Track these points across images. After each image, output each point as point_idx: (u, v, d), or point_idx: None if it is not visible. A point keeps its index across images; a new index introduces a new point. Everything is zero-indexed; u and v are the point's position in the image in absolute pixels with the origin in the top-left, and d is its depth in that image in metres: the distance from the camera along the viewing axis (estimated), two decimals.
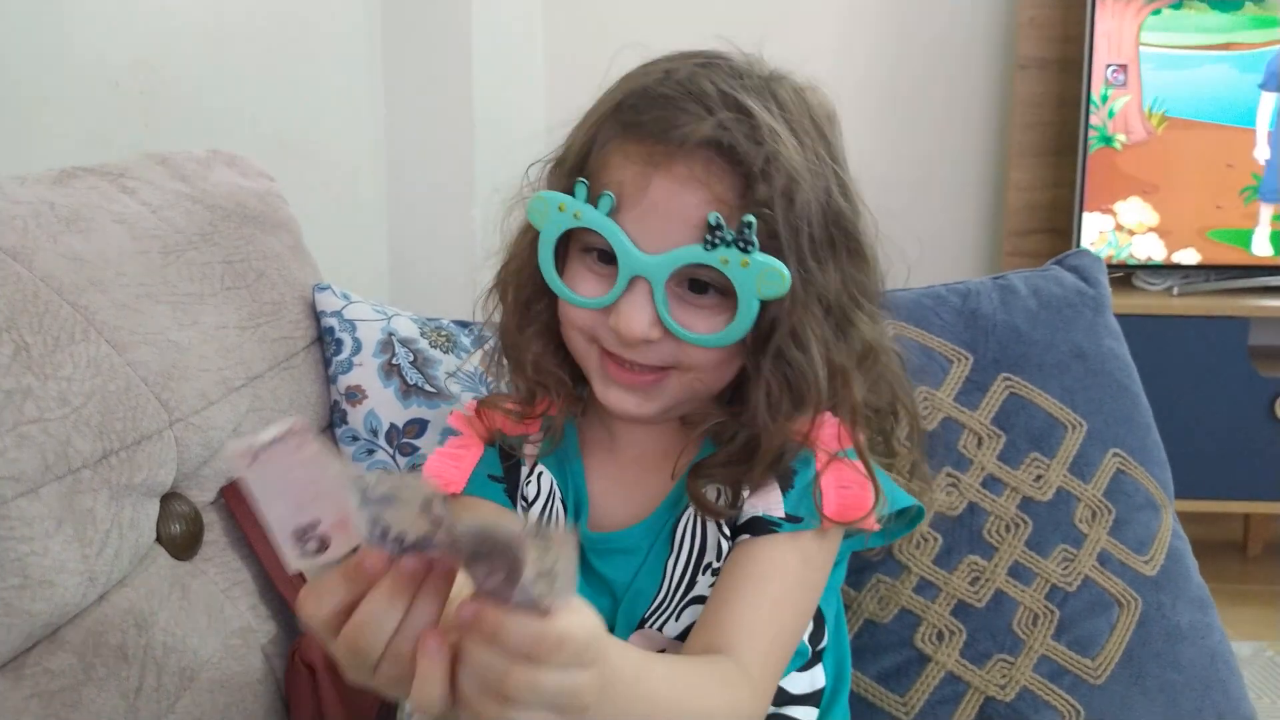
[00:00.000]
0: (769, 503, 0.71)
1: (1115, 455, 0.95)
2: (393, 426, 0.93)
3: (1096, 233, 2.18)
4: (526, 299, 0.76)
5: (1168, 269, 2.17)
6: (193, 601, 0.72)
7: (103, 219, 0.83)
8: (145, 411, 0.71)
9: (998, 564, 0.92)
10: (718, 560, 0.73)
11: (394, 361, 0.95)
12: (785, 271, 0.66)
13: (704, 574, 0.73)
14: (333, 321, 0.96)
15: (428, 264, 2.05)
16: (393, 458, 0.93)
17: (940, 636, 0.90)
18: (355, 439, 0.93)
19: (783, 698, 0.74)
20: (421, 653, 0.45)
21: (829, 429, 0.73)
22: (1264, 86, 2.12)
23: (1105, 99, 2.14)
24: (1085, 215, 2.17)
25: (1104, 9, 2.09)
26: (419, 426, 0.93)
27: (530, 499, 0.78)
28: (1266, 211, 2.14)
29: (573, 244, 0.72)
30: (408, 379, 0.94)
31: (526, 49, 2.29)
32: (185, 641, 0.69)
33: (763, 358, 0.69)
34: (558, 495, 0.78)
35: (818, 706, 0.78)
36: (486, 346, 0.98)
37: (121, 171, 0.92)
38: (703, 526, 0.74)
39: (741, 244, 0.65)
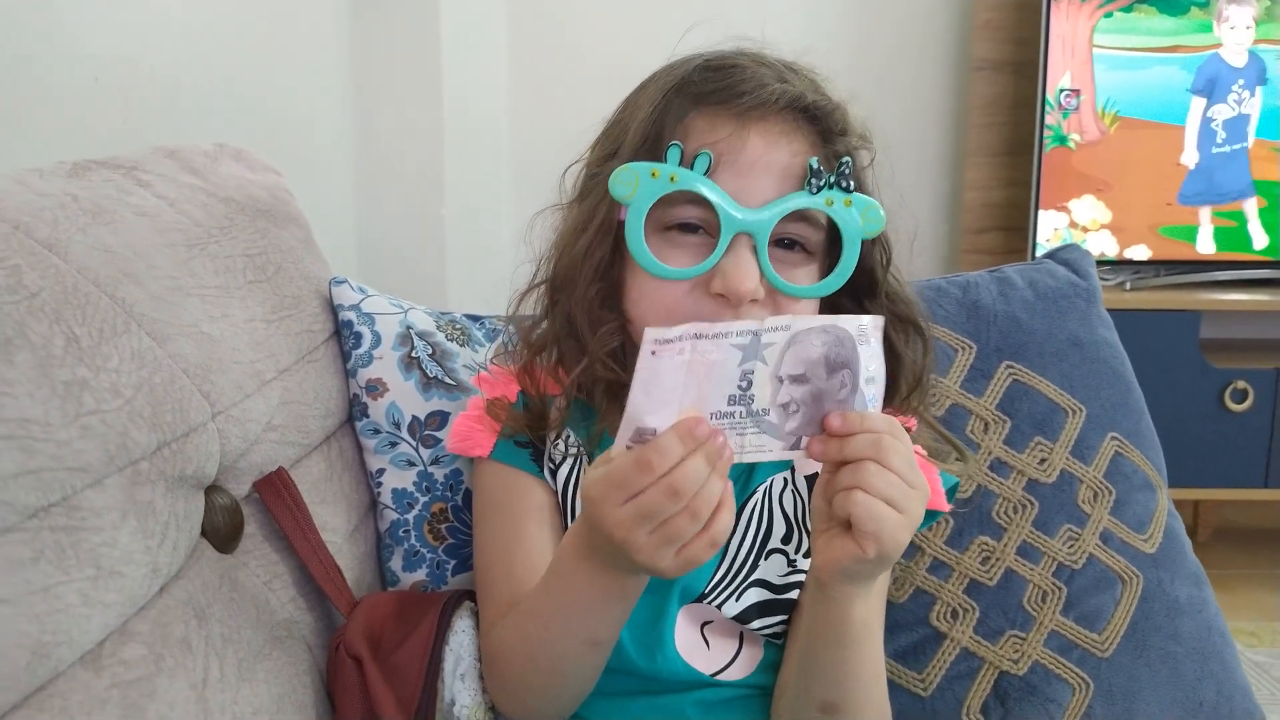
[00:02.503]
0: None
1: (1113, 439, 0.99)
2: (414, 419, 0.93)
3: (1051, 230, 2.25)
4: (592, 295, 0.75)
5: (1120, 264, 2.25)
6: (240, 594, 0.72)
7: (125, 212, 0.82)
8: (190, 404, 0.71)
9: (1007, 544, 0.95)
10: (783, 544, 0.75)
11: (413, 354, 0.95)
12: (881, 209, 0.71)
13: (766, 559, 0.75)
14: (351, 315, 0.95)
15: (398, 262, 2.04)
16: (415, 449, 0.93)
17: (954, 614, 0.93)
18: (377, 431, 0.93)
19: None
20: (727, 500, 0.57)
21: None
22: (1194, 91, 2.21)
23: (1060, 100, 2.21)
24: (1040, 213, 2.24)
25: (1058, 12, 2.16)
26: (440, 418, 0.93)
27: (557, 461, 0.79)
28: (1205, 212, 2.23)
29: (649, 224, 0.71)
30: (427, 371, 0.95)
31: (490, 46, 2.29)
32: (240, 633, 0.69)
33: (872, 301, 0.75)
34: (585, 457, 0.79)
35: None
36: (501, 340, 0.99)
37: (134, 165, 0.91)
38: (769, 511, 0.76)
39: (844, 184, 0.69)
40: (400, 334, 0.96)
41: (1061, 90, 2.19)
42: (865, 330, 0.59)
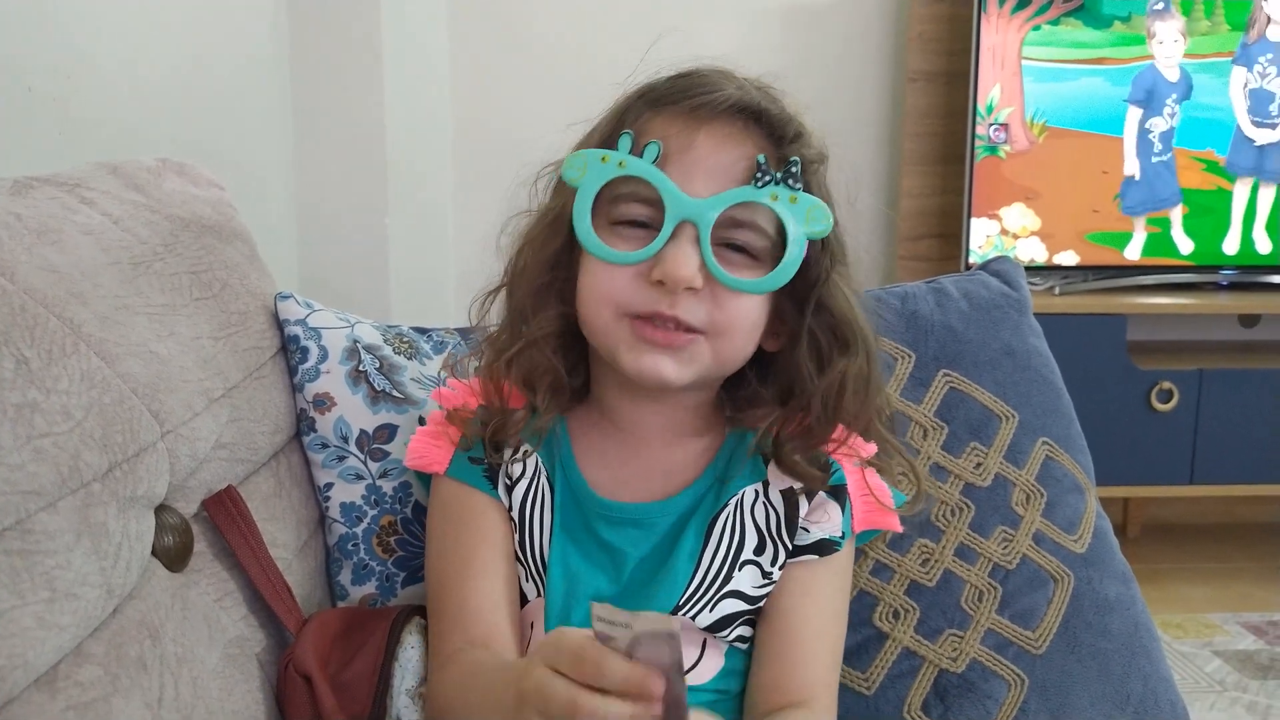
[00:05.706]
0: (832, 524, 0.76)
1: (1044, 444, 1.03)
2: (362, 432, 0.94)
3: (983, 237, 2.31)
4: (541, 285, 0.77)
5: (1049, 270, 2.31)
6: (192, 613, 0.72)
7: (70, 230, 0.82)
8: (140, 424, 0.71)
9: (945, 546, 0.98)
10: (755, 555, 0.77)
11: (361, 368, 0.96)
12: (829, 210, 0.71)
13: (740, 570, 0.77)
14: (297, 330, 0.96)
15: (340, 274, 2.03)
16: (363, 463, 0.93)
17: (896, 615, 0.96)
18: (325, 446, 0.93)
19: None
20: None
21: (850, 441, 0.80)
22: (1131, 101, 2.28)
23: (990, 110, 2.27)
24: (973, 220, 2.30)
25: (988, 25, 2.22)
26: (389, 431, 0.94)
27: (514, 478, 0.81)
28: (1140, 219, 2.31)
29: (599, 218, 0.73)
30: (375, 385, 0.95)
31: (434, 54, 2.29)
32: (193, 652, 0.69)
33: (806, 308, 0.75)
34: (544, 473, 0.81)
35: None
36: (451, 350, 1.00)
37: (77, 182, 0.90)
38: (740, 523, 0.78)
39: (790, 181, 0.70)
40: (347, 348, 0.96)
41: (992, 125, 2.25)
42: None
